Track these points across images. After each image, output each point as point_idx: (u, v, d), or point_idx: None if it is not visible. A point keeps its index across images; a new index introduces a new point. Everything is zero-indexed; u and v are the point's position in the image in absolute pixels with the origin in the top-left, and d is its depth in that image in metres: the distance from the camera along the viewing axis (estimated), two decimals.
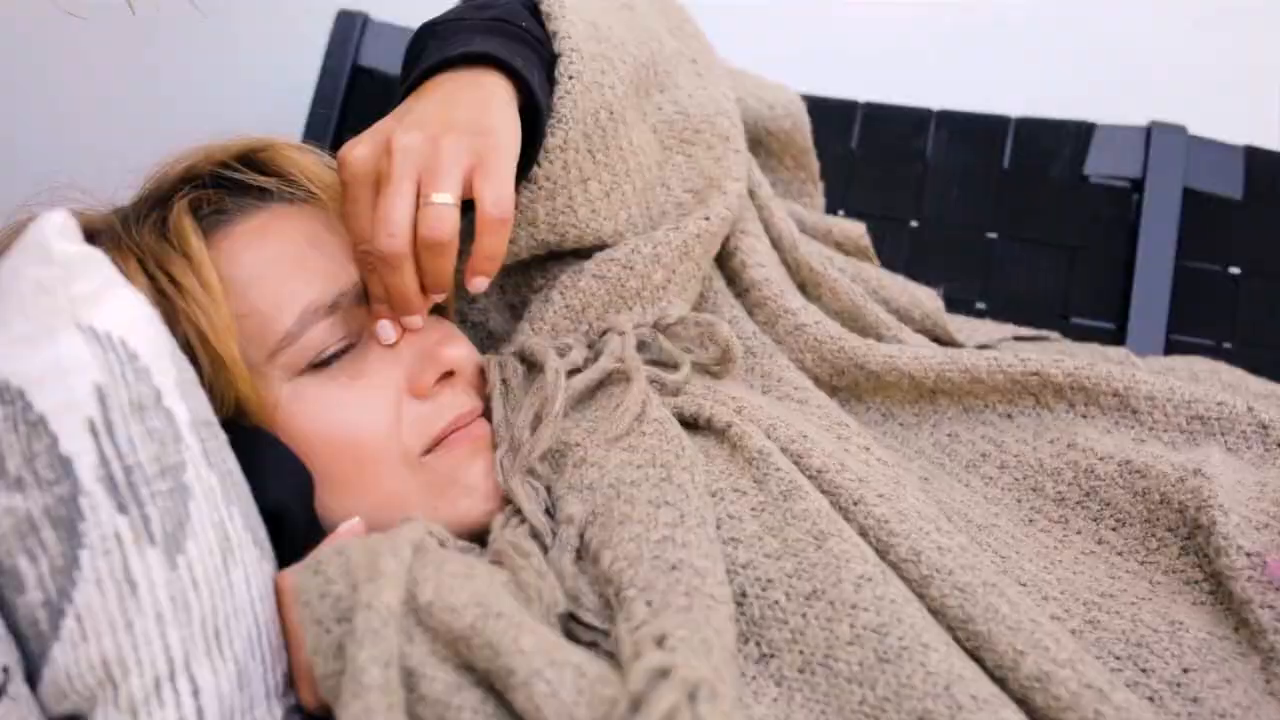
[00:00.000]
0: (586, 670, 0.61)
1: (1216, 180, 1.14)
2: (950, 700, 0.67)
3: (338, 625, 0.62)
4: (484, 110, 0.77)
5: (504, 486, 0.79)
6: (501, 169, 0.75)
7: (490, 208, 0.74)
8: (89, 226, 0.81)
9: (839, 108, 1.21)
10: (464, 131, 0.75)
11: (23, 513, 0.60)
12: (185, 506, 0.62)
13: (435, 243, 0.73)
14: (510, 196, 0.75)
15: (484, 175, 0.74)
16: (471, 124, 0.76)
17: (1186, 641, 0.75)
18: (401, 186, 0.73)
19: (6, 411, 0.61)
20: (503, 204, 0.75)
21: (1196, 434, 0.90)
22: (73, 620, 0.59)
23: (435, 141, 0.74)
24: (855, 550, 0.74)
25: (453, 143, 0.74)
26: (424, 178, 0.74)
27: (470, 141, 0.75)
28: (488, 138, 0.75)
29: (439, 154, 0.74)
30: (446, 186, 0.73)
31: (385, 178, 0.74)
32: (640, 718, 0.56)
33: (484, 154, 0.75)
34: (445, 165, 0.73)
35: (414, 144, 0.74)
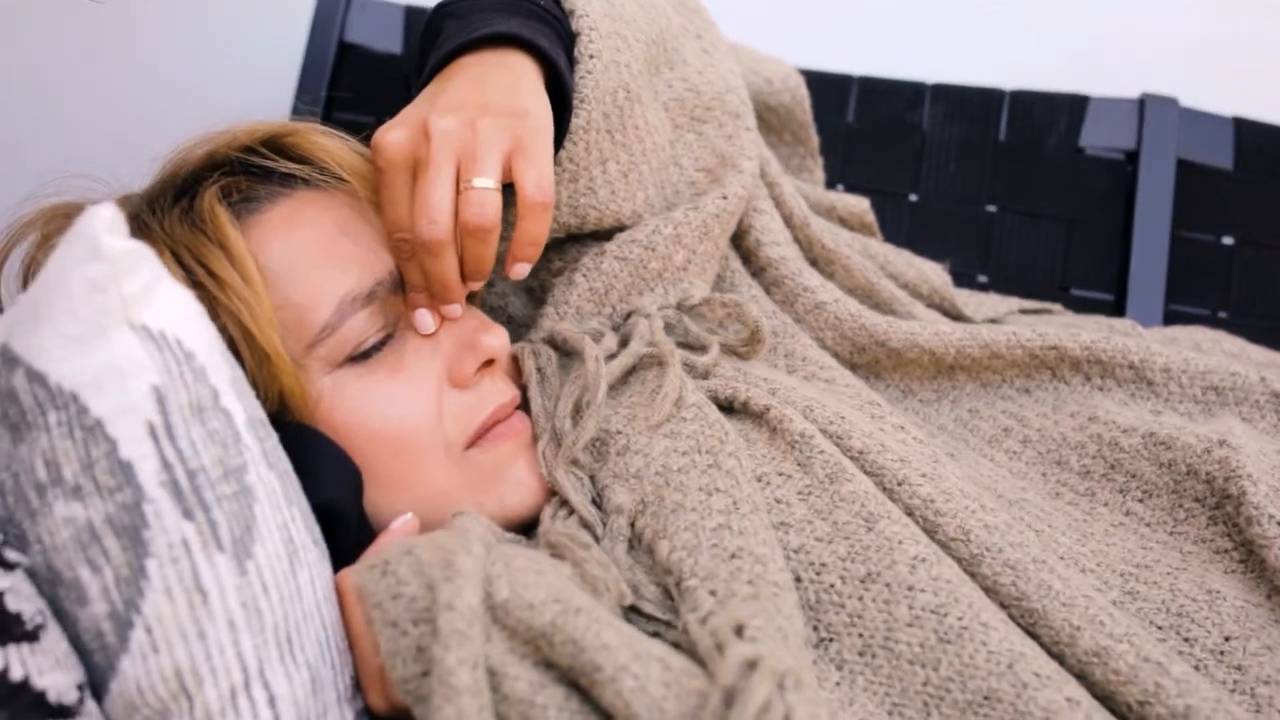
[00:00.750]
0: (670, 663, 0.60)
1: (1208, 151, 1.15)
2: (1014, 678, 0.68)
3: (414, 627, 0.60)
4: (516, 92, 0.75)
5: (548, 478, 0.77)
6: (541, 151, 0.74)
7: (533, 191, 0.73)
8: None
9: (834, 82, 1.20)
10: (500, 114, 0.73)
11: (83, 521, 0.58)
12: (250, 510, 0.60)
13: (478, 228, 0.71)
14: (551, 179, 0.74)
15: (524, 158, 0.73)
16: (506, 106, 0.74)
17: (1225, 610, 0.76)
18: (442, 171, 0.71)
19: (60, 416, 0.58)
20: (545, 187, 0.73)
21: (1211, 404, 0.91)
22: (142, 631, 0.57)
23: (473, 124, 0.72)
24: (906, 532, 0.74)
25: (490, 125, 0.72)
26: (463, 162, 0.72)
27: (507, 124, 0.73)
28: (525, 120, 0.74)
29: (477, 137, 0.72)
30: (487, 170, 0.71)
31: (424, 163, 0.72)
32: (736, 711, 0.56)
33: (522, 136, 0.73)
34: (484, 148, 0.72)
35: (452, 127, 0.72)
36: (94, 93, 1.20)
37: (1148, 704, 0.68)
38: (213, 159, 0.78)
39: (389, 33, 1.19)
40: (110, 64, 1.22)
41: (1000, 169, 1.17)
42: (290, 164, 0.77)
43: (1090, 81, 1.19)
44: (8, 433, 0.60)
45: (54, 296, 0.58)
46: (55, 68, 1.20)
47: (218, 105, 1.25)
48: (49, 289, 0.58)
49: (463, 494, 0.76)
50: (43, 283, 0.59)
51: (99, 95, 1.20)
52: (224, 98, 1.25)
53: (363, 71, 1.19)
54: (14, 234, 0.78)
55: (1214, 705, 0.67)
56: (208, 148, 0.78)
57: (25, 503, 0.59)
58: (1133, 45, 1.28)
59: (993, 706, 0.67)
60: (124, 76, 1.22)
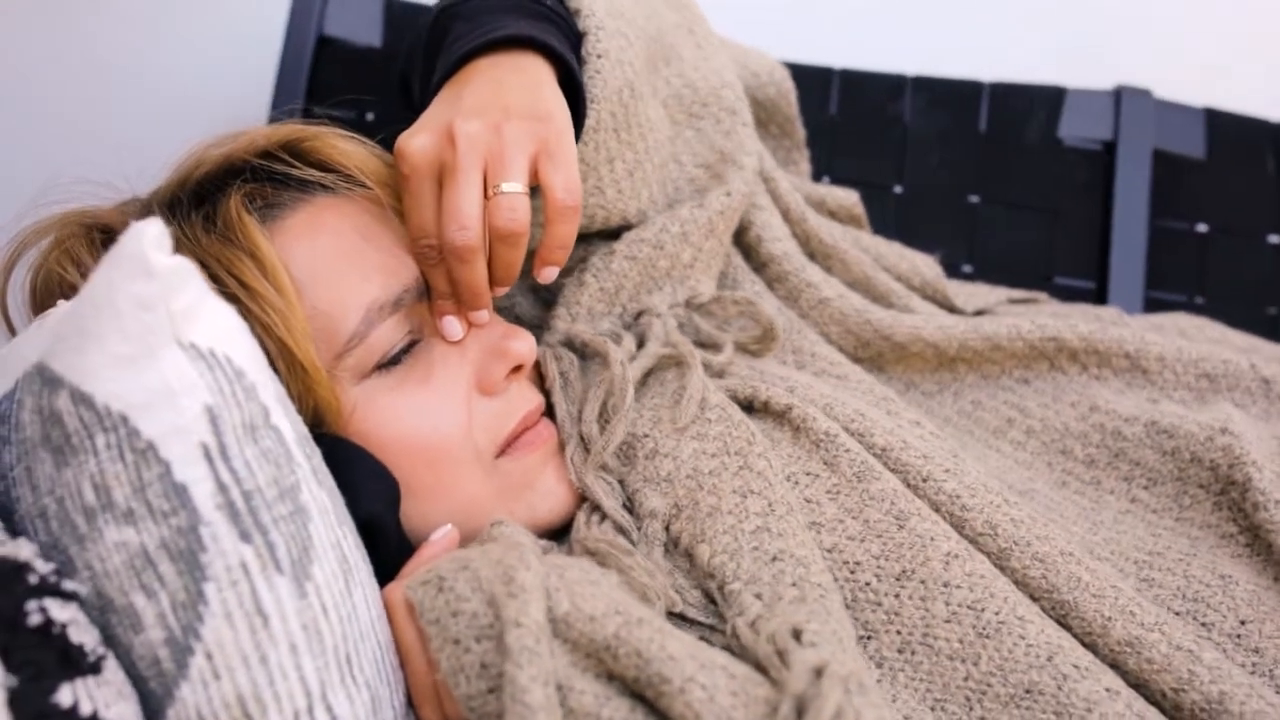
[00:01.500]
0: (734, 671, 0.61)
1: (1181, 141, 1.18)
2: (1054, 671, 0.69)
3: (477, 644, 0.60)
4: (537, 94, 0.75)
5: (579, 485, 0.77)
6: (567, 154, 0.73)
7: (562, 194, 0.72)
8: (112, 225, 0.75)
9: (815, 74, 1.20)
10: (524, 117, 0.72)
11: (136, 546, 0.56)
12: (306, 530, 0.59)
13: (510, 233, 0.71)
14: (579, 181, 0.73)
15: (551, 161, 0.72)
16: (529, 109, 0.73)
17: (1238, 594, 0.78)
18: (470, 176, 0.70)
19: (109, 439, 0.56)
20: (573, 189, 0.72)
21: (1205, 391, 0.94)
22: (202, 657, 0.56)
23: (498, 128, 0.71)
24: (938, 528, 0.75)
25: (515, 129, 0.72)
26: (490, 166, 0.71)
27: (532, 127, 0.72)
28: (549, 123, 0.73)
29: (503, 141, 0.71)
30: (515, 175, 0.71)
31: (451, 168, 0.71)
32: (810, 716, 0.56)
33: (548, 139, 0.72)
34: (511, 152, 0.71)
35: (477, 132, 0.71)
36: (65, 91, 1.16)
37: (1182, 691, 0.70)
38: (231, 164, 0.76)
39: (369, 26, 1.17)
40: (81, 61, 1.18)
41: (982, 160, 1.19)
42: (311, 170, 0.75)
43: (1065, 73, 1.20)
44: (50, 456, 0.58)
45: (101, 315, 0.56)
46: (23, 65, 1.16)
47: (194, 101, 1.22)
48: (95, 307, 0.56)
49: (493, 503, 0.75)
50: (87, 301, 0.57)
51: (70, 94, 1.17)
52: (201, 94, 1.22)
53: (343, 65, 1.16)
54: (23, 241, 0.75)
55: (1247, 690, 0.69)
56: (224, 152, 0.76)
57: (72, 528, 0.57)
58: (1108, 36, 1.30)
59: (1035, 699, 0.69)
60: (96, 74, 1.19)
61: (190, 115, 1.17)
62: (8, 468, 0.60)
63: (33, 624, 0.51)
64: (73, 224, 0.74)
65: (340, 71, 1.16)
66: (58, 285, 0.73)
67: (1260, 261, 1.17)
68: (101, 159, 0.91)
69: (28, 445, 0.59)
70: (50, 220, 0.75)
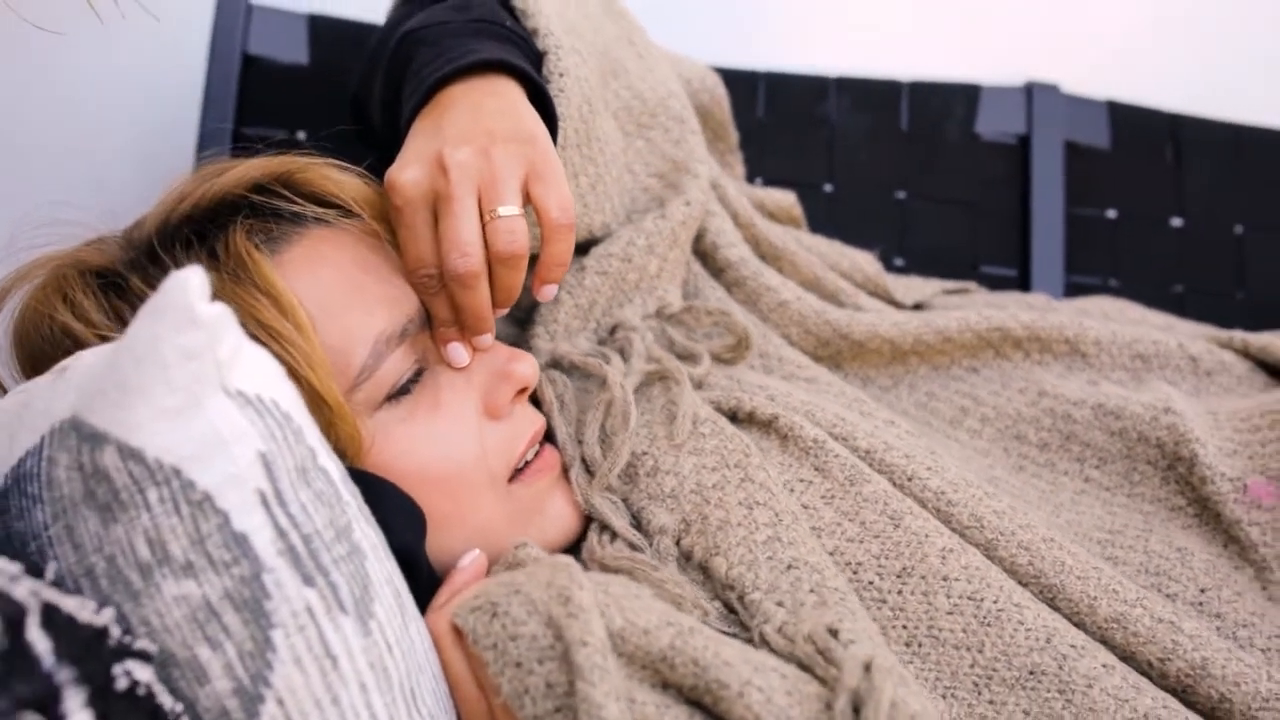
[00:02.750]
0: (785, 671, 0.63)
1: (1089, 133, 1.25)
2: (1054, 652, 0.73)
3: (540, 665, 0.61)
4: (517, 117, 0.75)
5: (585, 507, 0.78)
6: (556, 174, 0.74)
7: (557, 214, 0.73)
8: (111, 266, 0.73)
9: (742, 79, 1.23)
10: (509, 140, 0.73)
11: (198, 599, 0.56)
12: (364, 568, 0.59)
13: (511, 255, 0.71)
14: (570, 199, 0.74)
15: (542, 183, 0.73)
16: (513, 132, 0.74)
17: (1195, 564, 0.84)
18: (465, 204, 0.71)
19: (162, 493, 0.56)
20: (567, 208, 0.74)
21: (1139, 371, 1.00)
22: (274, 704, 0.56)
23: (487, 154, 0.72)
24: (930, 525, 0.79)
25: (504, 153, 0.72)
26: (484, 191, 0.72)
27: (519, 149, 0.73)
28: (534, 145, 0.74)
29: (494, 166, 0.72)
30: (510, 198, 0.72)
31: (445, 197, 0.71)
32: (869, 710, 0.59)
33: (535, 161, 0.74)
34: (503, 176, 0.72)
35: (468, 159, 0.71)
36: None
37: (1168, 660, 0.75)
38: (225, 199, 0.74)
39: (294, 44, 1.15)
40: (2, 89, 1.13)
41: (906, 157, 1.23)
42: (310, 204, 0.74)
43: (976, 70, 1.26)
44: (96, 514, 0.57)
45: (145, 367, 0.55)
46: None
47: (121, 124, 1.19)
48: (137, 360, 0.56)
49: (506, 527, 0.76)
50: (128, 353, 0.56)
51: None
52: (128, 116, 1.18)
53: (270, 84, 1.14)
54: (5, 289, 0.73)
55: (1226, 654, 0.75)
56: (217, 186, 0.74)
57: (125, 585, 0.56)
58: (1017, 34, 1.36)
59: (1039, 680, 0.73)
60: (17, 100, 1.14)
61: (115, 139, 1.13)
62: (41, 527, 0.59)
63: (121, 688, 0.50)
64: (64, 269, 0.72)
65: (268, 90, 1.14)
66: (57, 332, 0.71)
67: (1165, 243, 1.25)
68: (19, 188, 0.88)
69: (66, 504, 0.58)
70: (31, 265, 0.73)
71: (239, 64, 1.13)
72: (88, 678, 0.48)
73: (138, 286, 0.72)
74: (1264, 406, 0.92)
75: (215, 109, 1.11)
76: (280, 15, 1.16)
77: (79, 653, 0.49)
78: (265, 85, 1.14)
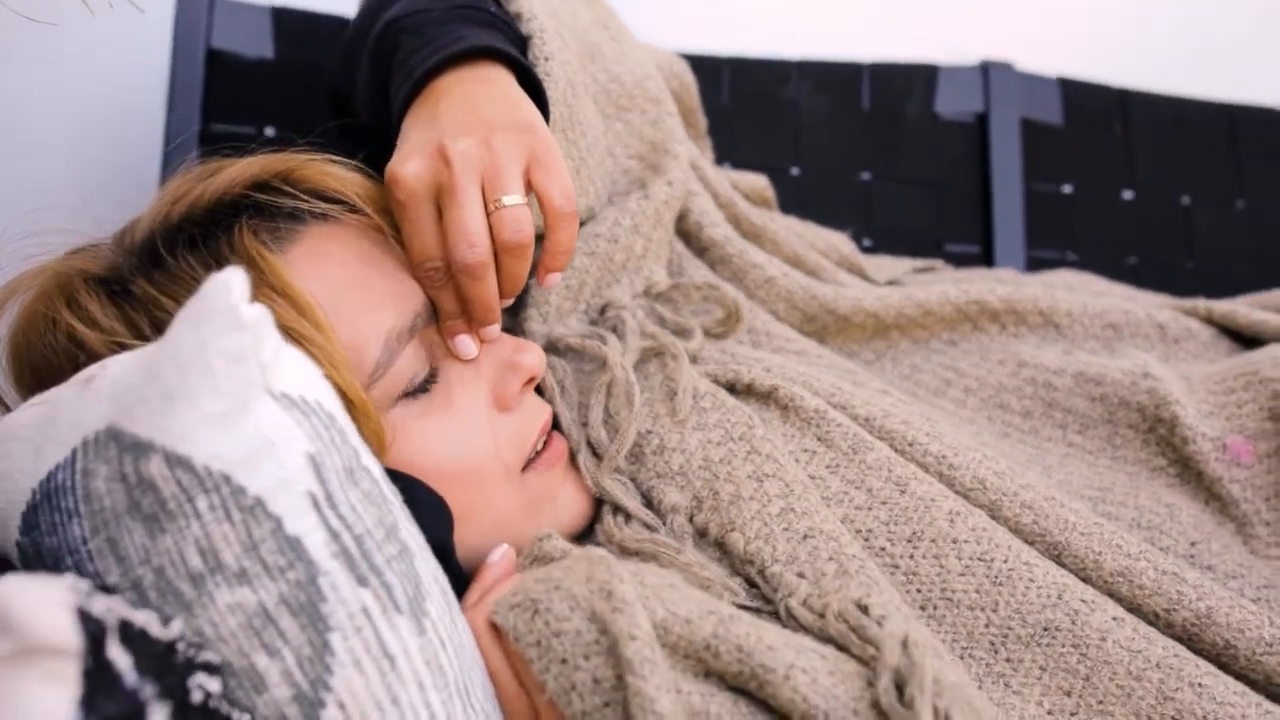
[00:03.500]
0: (824, 652, 0.64)
1: (1043, 109, 1.28)
2: (1066, 608, 0.76)
3: (586, 661, 0.61)
4: (511, 106, 0.75)
5: (596, 489, 0.79)
6: (556, 162, 0.74)
7: (560, 201, 0.73)
8: (115, 272, 0.72)
9: (705, 64, 1.24)
10: (508, 129, 0.73)
11: (253, 606, 0.55)
12: (414, 567, 0.59)
13: (518, 245, 0.71)
14: (572, 187, 0.75)
15: (544, 171, 0.73)
16: (510, 121, 0.74)
17: (1183, 519, 0.87)
18: (471, 194, 0.71)
19: (211, 500, 0.55)
20: (570, 196, 0.74)
21: (1111, 340, 1.03)
22: (334, 708, 0.55)
23: (488, 143, 0.72)
24: (935, 489, 0.80)
25: (505, 142, 0.72)
26: (488, 181, 0.72)
27: (520, 138, 0.73)
28: (534, 133, 0.74)
29: (496, 156, 0.72)
30: (513, 187, 0.72)
31: (449, 188, 0.71)
32: (913, 686, 0.61)
33: (536, 149, 0.74)
34: (505, 166, 0.72)
35: (469, 149, 0.71)
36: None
37: (1173, 610, 0.77)
38: (225, 198, 0.73)
39: (258, 38, 1.14)
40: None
41: (868, 138, 1.25)
42: (315, 200, 0.73)
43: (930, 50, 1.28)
44: (142, 525, 0.56)
45: (190, 373, 0.55)
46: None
47: (86, 124, 1.16)
48: (182, 366, 0.55)
49: (521, 517, 0.76)
50: (170, 360, 0.55)
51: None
52: (91, 116, 1.15)
53: (235, 79, 1.12)
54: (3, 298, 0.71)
55: (1229, 603, 0.78)
56: (215, 185, 0.73)
57: (176, 596, 0.56)
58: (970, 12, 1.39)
59: (1053, 636, 0.75)
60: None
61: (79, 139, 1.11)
62: (78, 541, 0.58)
63: (196, 701, 0.50)
64: (65, 276, 0.71)
65: (234, 85, 1.12)
66: (63, 341, 0.69)
67: (1118, 216, 1.29)
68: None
69: (108, 516, 0.57)
70: (24, 276, 0.72)
71: (203, 59, 1.11)
72: (168, 692, 0.48)
73: (147, 292, 0.70)
74: (1235, 369, 0.95)
75: (181, 105, 1.09)
76: (244, 9, 1.14)
77: (157, 668, 0.48)
78: (230, 80, 1.12)
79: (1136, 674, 0.73)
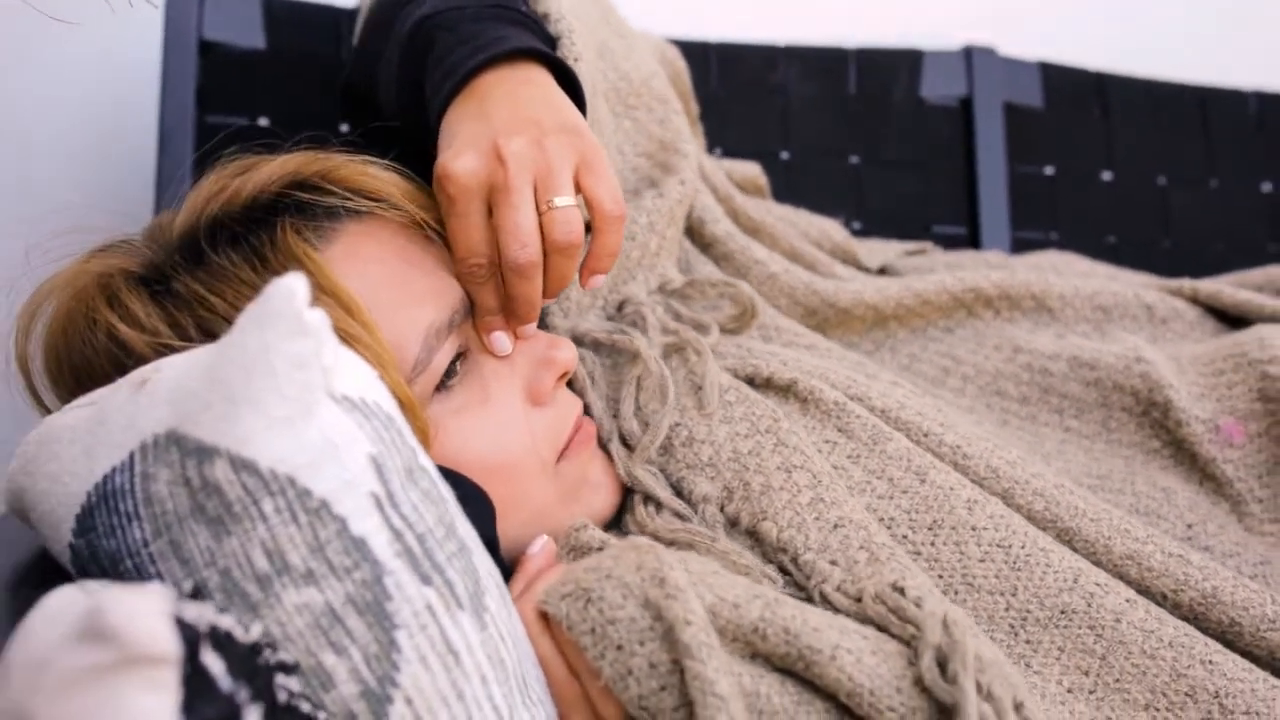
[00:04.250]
0: (865, 632, 0.66)
1: (1024, 93, 1.30)
2: (1081, 591, 0.78)
3: (641, 646, 0.63)
4: (557, 108, 0.76)
5: (628, 480, 0.80)
6: (604, 164, 0.75)
7: (610, 205, 0.74)
8: (156, 270, 0.72)
9: (694, 50, 1.25)
10: (559, 131, 0.74)
11: (320, 606, 0.56)
12: (472, 562, 0.60)
13: (569, 245, 0.72)
14: (619, 190, 0.75)
15: (593, 174, 0.74)
16: (559, 123, 0.74)
17: (1180, 502, 0.90)
18: (524, 194, 0.71)
19: (277, 503, 0.56)
20: (618, 199, 0.75)
21: (1101, 322, 1.06)
22: (402, 704, 0.56)
23: (540, 145, 0.72)
24: (953, 478, 0.83)
25: (556, 144, 0.73)
26: (540, 182, 0.72)
27: (570, 140, 0.74)
28: (583, 136, 0.75)
29: (548, 157, 0.72)
30: (565, 189, 0.72)
31: (503, 187, 0.71)
32: (955, 664, 0.63)
33: (585, 152, 0.74)
34: (557, 168, 0.72)
35: (524, 149, 0.72)
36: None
37: (1180, 591, 0.81)
38: (262, 196, 0.73)
39: (249, 28, 1.13)
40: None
41: (856, 122, 1.27)
42: (359, 198, 0.74)
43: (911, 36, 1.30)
44: (206, 528, 0.56)
45: (254, 378, 0.55)
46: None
47: (80, 117, 1.14)
48: (247, 370, 0.55)
49: (557, 507, 0.77)
50: (236, 364, 0.55)
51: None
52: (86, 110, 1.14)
53: (228, 70, 1.12)
54: (39, 301, 0.71)
55: (1233, 583, 0.81)
56: (252, 184, 0.73)
57: (243, 598, 0.56)
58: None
59: (1070, 619, 0.78)
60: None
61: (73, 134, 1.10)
62: (139, 544, 0.58)
63: (282, 701, 0.51)
64: (107, 276, 0.71)
65: (226, 76, 1.12)
66: (102, 340, 0.69)
67: (1098, 197, 1.32)
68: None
69: (170, 519, 0.57)
70: (65, 273, 0.71)
71: (196, 50, 1.10)
72: (259, 694, 0.49)
73: (192, 290, 0.70)
74: (1223, 350, 0.98)
75: (175, 97, 1.08)
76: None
77: (246, 670, 0.49)
78: (223, 71, 1.12)
79: (1150, 653, 0.76)
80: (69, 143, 1.10)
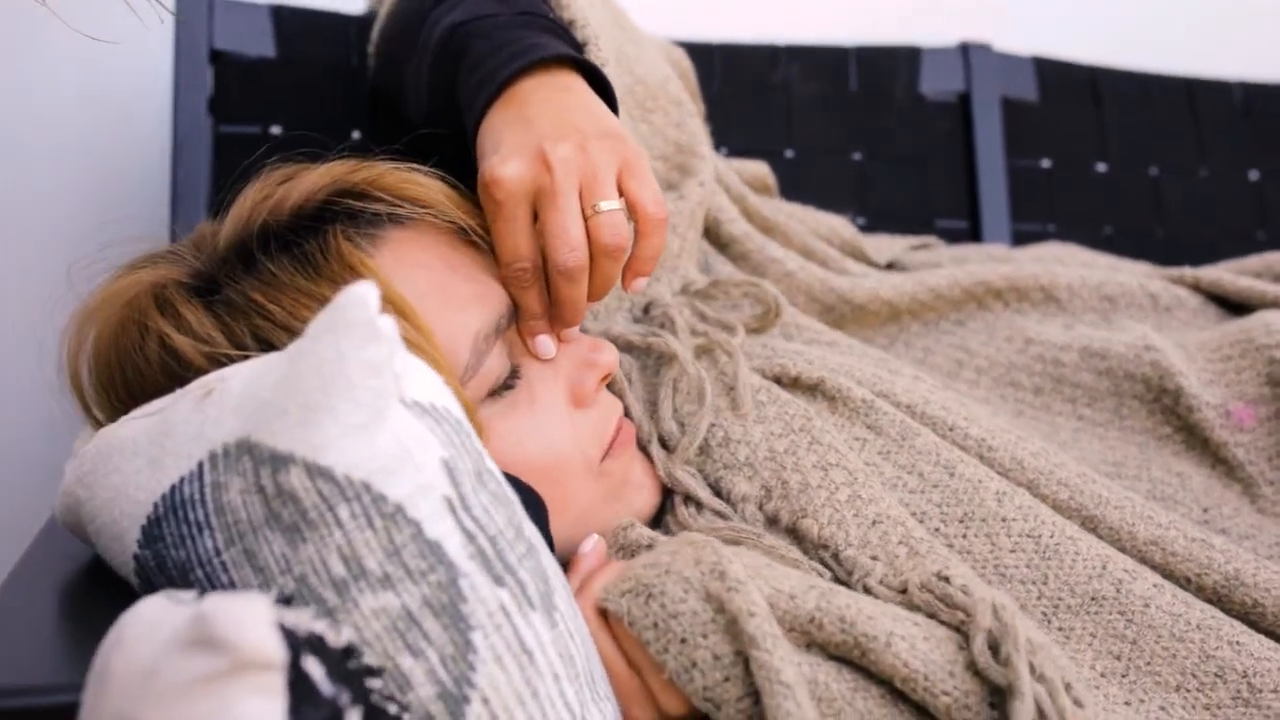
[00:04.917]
0: (915, 619, 0.68)
1: (1020, 88, 1.33)
2: (1110, 578, 0.80)
3: (705, 639, 0.64)
4: (597, 114, 0.77)
5: (668, 480, 0.81)
6: (646, 169, 0.76)
7: (653, 209, 0.75)
8: (206, 278, 0.73)
9: (697, 51, 1.26)
10: (601, 136, 0.75)
11: (397, 609, 0.57)
12: (540, 563, 0.61)
13: (616, 249, 0.73)
14: (661, 194, 0.77)
15: (636, 178, 0.75)
16: (600, 129, 0.76)
17: (1194, 486, 0.93)
18: (571, 199, 0.72)
19: (353, 508, 0.56)
20: (661, 202, 0.76)
21: (1107, 312, 1.08)
22: (478, 704, 0.57)
23: (584, 150, 0.74)
24: (981, 471, 0.84)
25: (599, 149, 0.74)
26: (586, 187, 0.73)
27: (612, 145, 0.75)
28: (624, 141, 0.76)
29: (593, 162, 0.74)
30: (610, 194, 0.74)
31: (550, 192, 0.72)
32: (1007, 647, 0.64)
33: (628, 156, 0.75)
34: (603, 172, 0.74)
35: (570, 155, 0.73)
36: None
37: (1204, 574, 0.83)
38: (309, 204, 0.74)
39: (259, 37, 1.13)
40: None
41: (859, 120, 1.29)
42: (407, 204, 0.75)
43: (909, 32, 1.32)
44: (282, 535, 0.57)
45: (330, 386, 0.56)
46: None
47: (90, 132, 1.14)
48: (323, 378, 0.56)
49: (601, 507, 0.79)
50: (311, 373, 0.56)
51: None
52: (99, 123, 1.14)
53: (239, 79, 1.12)
54: (92, 311, 0.71)
55: (1255, 565, 0.83)
56: (301, 193, 0.74)
57: (320, 603, 0.57)
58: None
59: (1100, 605, 0.80)
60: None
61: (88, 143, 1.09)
62: (211, 553, 0.59)
63: (376, 703, 0.52)
64: (160, 285, 0.71)
65: (238, 85, 1.12)
66: (153, 349, 0.69)
67: (1093, 188, 1.34)
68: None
69: (243, 528, 0.58)
70: (115, 286, 0.72)
71: (207, 60, 1.10)
72: (358, 697, 0.50)
73: (248, 297, 0.71)
74: (1229, 337, 1.01)
75: (188, 106, 1.08)
76: (243, 8, 1.13)
77: (344, 674, 0.50)
78: (234, 80, 1.12)
79: (1179, 636, 0.78)
80: (80, 155, 1.10)
